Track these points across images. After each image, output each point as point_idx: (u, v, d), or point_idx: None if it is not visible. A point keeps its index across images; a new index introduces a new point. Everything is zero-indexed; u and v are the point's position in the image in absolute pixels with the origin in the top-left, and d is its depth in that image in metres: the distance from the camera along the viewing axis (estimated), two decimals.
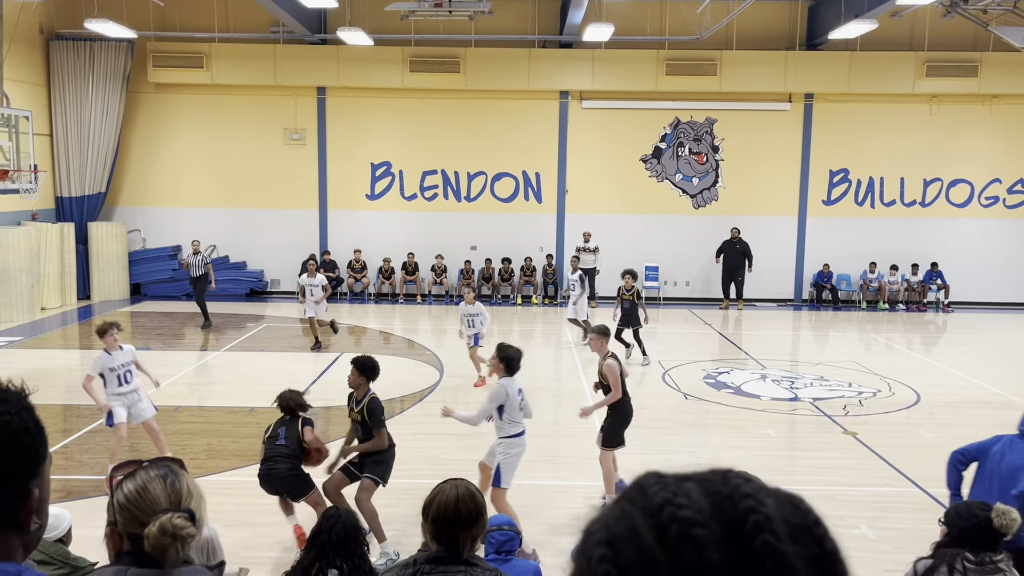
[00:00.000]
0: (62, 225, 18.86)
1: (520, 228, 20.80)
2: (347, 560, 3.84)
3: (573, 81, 20.12)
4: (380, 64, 19.67)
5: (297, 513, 6.83)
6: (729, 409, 11.28)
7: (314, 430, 6.84)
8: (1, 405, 1.30)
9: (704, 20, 18.62)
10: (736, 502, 0.72)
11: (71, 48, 19.29)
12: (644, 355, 13.84)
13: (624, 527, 0.72)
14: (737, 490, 0.74)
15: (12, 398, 1.32)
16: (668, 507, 0.72)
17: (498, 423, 6.82)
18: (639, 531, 0.71)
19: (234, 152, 20.46)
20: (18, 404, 1.33)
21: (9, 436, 1.29)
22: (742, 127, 20.59)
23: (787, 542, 0.70)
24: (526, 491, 8.09)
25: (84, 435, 9.69)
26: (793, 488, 0.80)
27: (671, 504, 0.72)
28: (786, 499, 0.76)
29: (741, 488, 0.74)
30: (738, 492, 0.74)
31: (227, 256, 20.63)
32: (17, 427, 1.30)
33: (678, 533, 0.70)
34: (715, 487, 0.75)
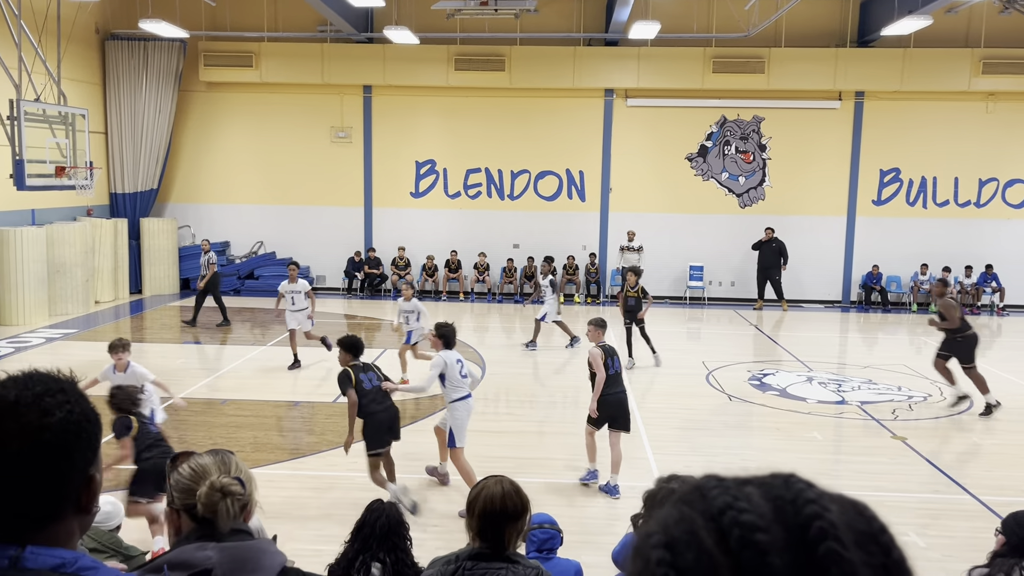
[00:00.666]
0: (116, 221, 19.34)
1: (563, 226, 20.76)
2: (390, 553, 3.87)
3: (618, 79, 20.00)
4: (425, 63, 19.79)
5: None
6: (774, 411, 11.12)
7: None
8: (60, 395, 1.33)
9: (752, 17, 18.36)
10: (799, 507, 0.70)
11: (126, 48, 19.76)
12: (653, 352, 13.48)
13: (684, 530, 0.71)
14: (800, 495, 0.72)
15: (69, 388, 1.36)
16: (729, 511, 0.71)
17: (443, 391, 7.75)
18: (699, 534, 0.70)
19: (281, 150, 20.76)
20: (75, 393, 1.37)
21: (73, 424, 1.32)
22: (790, 125, 20.27)
23: (852, 549, 0.68)
24: (564, 489, 8.07)
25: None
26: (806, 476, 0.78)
27: (732, 508, 0.71)
28: (850, 505, 0.74)
29: (804, 493, 0.72)
30: (801, 497, 0.72)
31: (274, 252, 20.96)
32: (79, 415, 1.34)
33: (740, 537, 0.68)
34: (776, 491, 0.73)
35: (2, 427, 1.27)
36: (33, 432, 1.28)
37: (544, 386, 12.29)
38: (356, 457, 8.88)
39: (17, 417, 1.28)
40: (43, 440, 1.29)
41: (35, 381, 1.34)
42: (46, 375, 1.37)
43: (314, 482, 8.23)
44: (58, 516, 1.32)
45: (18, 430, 1.27)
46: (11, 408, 1.28)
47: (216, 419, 10.29)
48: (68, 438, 1.32)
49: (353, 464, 8.70)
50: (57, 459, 1.30)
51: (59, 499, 1.32)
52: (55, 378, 1.37)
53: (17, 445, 1.27)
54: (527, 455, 9.19)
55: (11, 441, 1.27)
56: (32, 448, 1.28)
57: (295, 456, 8.91)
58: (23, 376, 1.35)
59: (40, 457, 1.29)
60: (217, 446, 9.13)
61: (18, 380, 1.33)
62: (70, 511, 1.34)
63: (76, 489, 1.34)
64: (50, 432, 1.29)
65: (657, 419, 10.56)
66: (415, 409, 10.87)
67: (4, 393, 1.30)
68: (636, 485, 8.28)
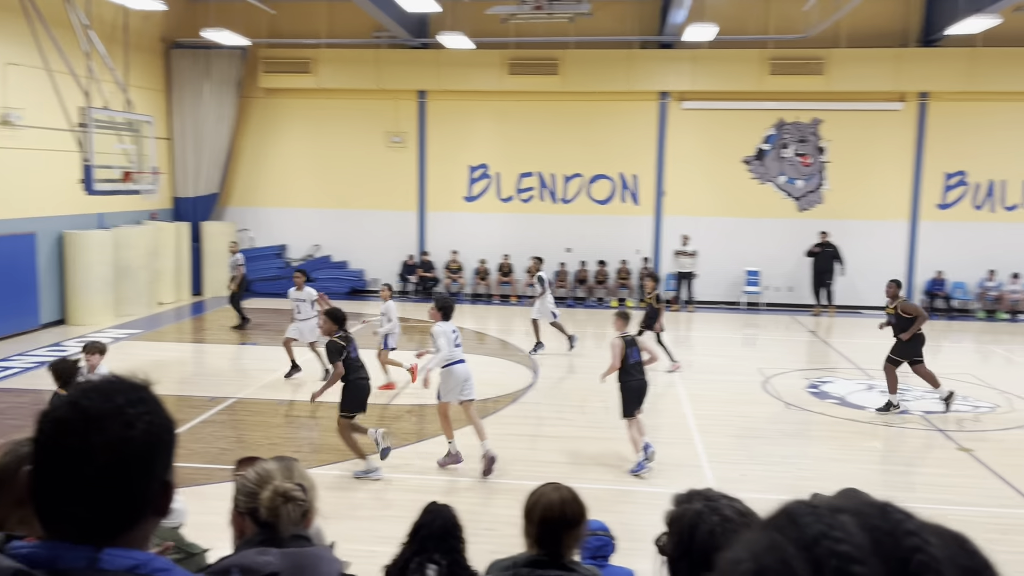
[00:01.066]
0: (178, 224, 19.87)
1: (616, 230, 20.64)
2: (446, 555, 3.88)
3: (673, 82, 19.82)
4: (479, 67, 19.89)
5: None
6: (833, 420, 10.87)
7: None
8: (141, 406, 1.35)
9: (811, 18, 18.02)
10: (899, 539, 0.67)
11: (189, 56, 20.29)
12: (671, 359, 13.27)
13: (775, 559, 0.68)
14: (899, 526, 0.69)
15: (148, 396, 1.38)
16: (824, 540, 0.67)
17: (436, 357, 8.68)
18: (792, 564, 0.67)
19: (337, 154, 21.07)
20: (154, 402, 1.39)
21: (154, 436, 1.35)
22: (850, 128, 19.83)
23: None
24: (617, 496, 8.02)
25: (197, 425, 10.16)
26: (903, 506, 0.74)
27: (827, 537, 0.67)
28: (951, 538, 0.70)
29: (903, 524, 0.69)
30: (900, 528, 0.68)
31: (330, 255, 21.28)
32: (159, 426, 1.37)
33: (836, 569, 0.65)
34: (873, 521, 0.70)
35: (88, 441, 1.29)
36: (117, 445, 1.30)
37: (595, 390, 12.21)
38: (414, 459, 8.95)
39: (102, 430, 1.30)
40: (127, 453, 1.31)
41: (116, 391, 1.35)
42: (126, 384, 1.38)
43: (369, 483, 8.31)
44: (136, 521, 1.35)
45: (103, 443, 1.29)
46: (96, 422, 1.30)
47: (274, 420, 10.48)
48: (149, 449, 1.34)
49: (408, 466, 8.79)
50: (139, 470, 1.33)
51: (138, 506, 1.34)
52: (134, 386, 1.39)
53: (103, 458, 1.29)
54: (578, 460, 9.14)
55: (97, 455, 1.29)
56: (116, 460, 1.30)
57: (350, 457, 9.01)
58: (104, 385, 1.36)
59: (123, 468, 1.31)
60: (275, 446, 9.31)
61: (101, 390, 1.35)
62: (147, 515, 1.37)
63: (154, 495, 1.37)
64: (133, 444, 1.32)
65: (712, 426, 10.42)
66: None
67: (88, 406, 1.32)
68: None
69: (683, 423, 10.58)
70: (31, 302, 15.44)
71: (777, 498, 3.43)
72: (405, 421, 10.51)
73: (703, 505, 1.93)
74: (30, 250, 15.40)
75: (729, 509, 1.92)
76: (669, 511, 2.00)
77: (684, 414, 10.97)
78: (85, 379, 8.01)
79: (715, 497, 1.97)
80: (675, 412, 11.09)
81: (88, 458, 1.29)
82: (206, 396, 11.33)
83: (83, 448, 1.29)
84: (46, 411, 1.34)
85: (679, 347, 15.95)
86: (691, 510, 1.93)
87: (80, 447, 1.29)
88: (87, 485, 1.29)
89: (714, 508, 1.93)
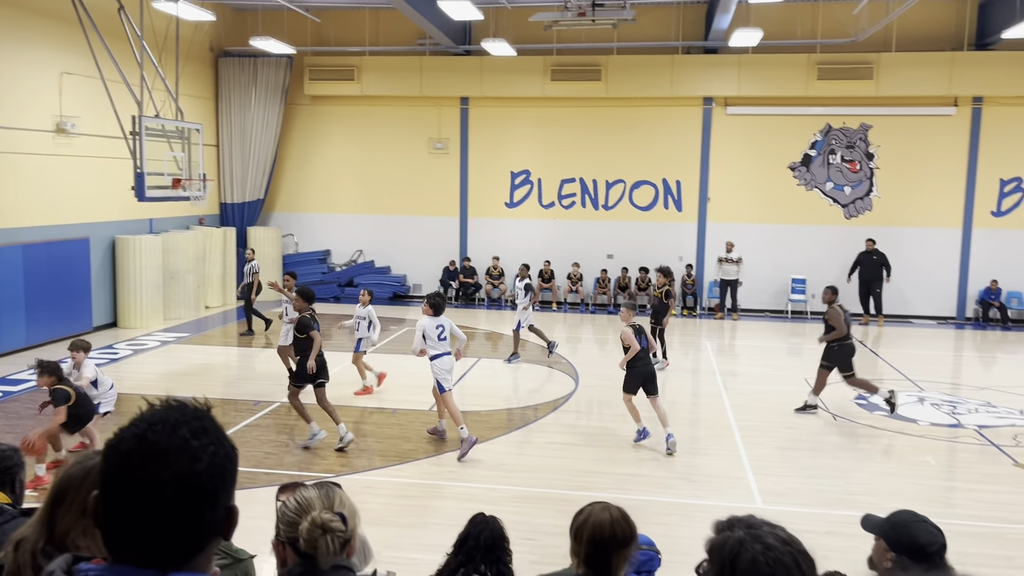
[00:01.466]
0: (224, 229, 20.21)
1: (658, 237, 20.48)
2: (492, 567, 3.86)
3: (717, 87, 19.62)
4: (521, 74, 19.91)
5: None
6: (882, 433, 10.62)
7: None
8: (205, 437, 1.36)
9: (860, 21, 17.71)
10: None
11: (236, 64, 20.66)
12: (664, 357, 13.87)
13: None
14: None
15: (211, 425, 1.39)
16: None
17: (427, 349, 9.54)
18: None
19: (381, 161, 21.26)
20: (217, 431, 1.40)
21: (218, 467, 1.36)
22: (900, 133, 19.42)
23: None
24: (661, 508, 7.92)
25: (242, 428, 10.29)
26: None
27: None
28: None
29: None
30: None
31: (372, 261, 21.46)
32: (223, 457, 1.38)
33: None
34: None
35: (156, 475, 1.31)
36: (184, 479, 1.32)
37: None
38: (456, 467, 8.96)
39: (169, 465, 1.31)
40: (193, 487, 1.32)
41: (180, 422, 1.36)
42: (190, 412, 1.39)
43: (411, 489, 8.33)
44: (202, 548, 1.37)
45: (171, 477, 1.31)
46: (163, 456, 1.32)
47: (321, 424, 10.55)
48: (215, 480, 1.35)
49: (450, 473, 8.79)
50: (204, 500, 1.34)
51: (203, 536, 1.36)
52: (197, 414, 1.40)
53: (171, 493, 1.31)
54: (620, 470, 9.06)
55: (164, 489, 1.30)
56: (182, 493, 1.32)
57: (392, 463, 9.05)
58: (168, 416, 1.37)
59: (189, 500, 1.32)
60: (315, 451, 9.36)
61: (166, 422, 1.35)
62: (212, 541, 1.38)
63: (218, 523, 1.38)
64: (199, 479, 1.33)
65: (757, 438, 10.24)
66: (507, 421, 10.89)
67: (155, 440, 1.33)
68: (736, 506, 8.06)
69: (727, 434, 10.42)
70: (85, 305, 15.82)
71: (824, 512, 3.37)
72: (448, 430, 10.51)
73: (745, 533, 1.86)
74: (84, 254, 15.79)
75: (772, 537, 1.85)
76: (709, 539, 1.93)
77: (728, 424, 10.81)
78: (69, 374, 8.67)
79: (757, 524, 1.90)
80: (719, 422, 10.94)
81: (156, 492, 1.30)
82: (251, 400, 11.48)
83: (151, 482, 1.31)
84: (113, 443, 1.35)
85: (723, 356, 15.78)
86: (732, 538, 1.86)
87: (147, 481, 1.31)
88: (153, 516, 1.31)
89: (756, 536, 1.86)
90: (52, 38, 14.65)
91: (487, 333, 17.34)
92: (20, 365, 13.35)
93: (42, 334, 14.62)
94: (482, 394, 12.15)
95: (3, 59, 13.73)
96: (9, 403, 11.30)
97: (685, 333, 17.75)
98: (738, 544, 1.85)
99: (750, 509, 7.94)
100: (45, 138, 14.73)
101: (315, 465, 8.98)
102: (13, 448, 3.19)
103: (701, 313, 20.03)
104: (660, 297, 13.95)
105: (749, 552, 1.83)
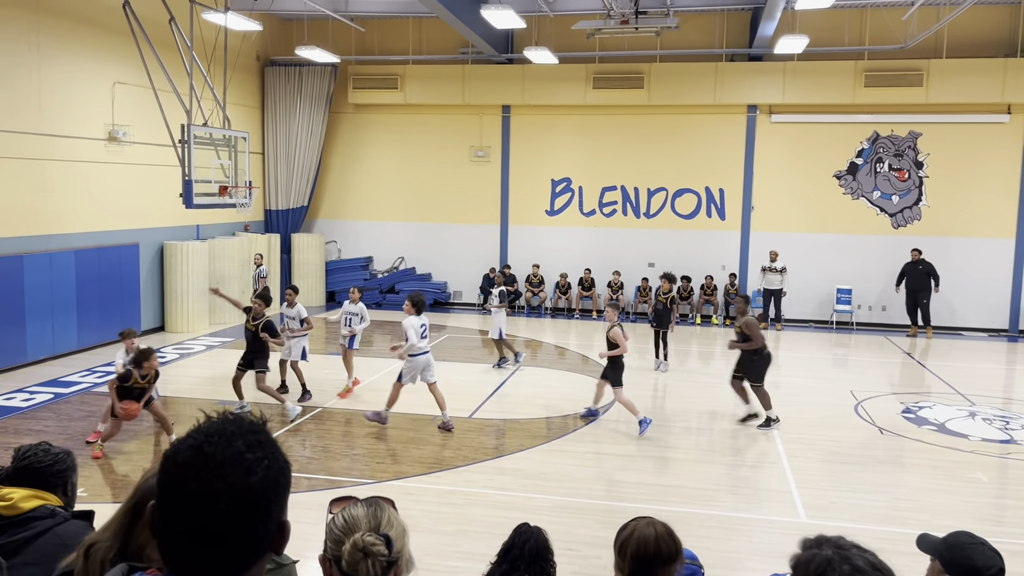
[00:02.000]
0: (269, 236, 20.53)
1: (701, 246, 20.30)
2: None
3: (762, 95, 19.41)
4: (563, 82, 19.92)
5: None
6: (931, 448, 10.37)
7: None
8: (260, 450, 1.37)
9: (910, 28, 17.39)
10: None
11: (282, 73, 20.99)
12: (665, 359, 14.56)
13: None
14: None
15: (265, 440, 1.40)
16: None
17: (405, 346, 10.32)
18: None
19: (422, 168, 21.41)
20: (271, 445, 1.41)
21: (272, 481, 1.37)
22: (951, 141, 19.00)
23: None
24: (702, 521, 7.82)
25: (283, 434, 10.41)
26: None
27: None
28: None
29: None
30: None
31: (414, 268, 21.61)
32: (276, 471, 1.39)
33: None
34: None
35: (211, 487, 1.31)
36: (239, 492, 1.33)
37: (678, 411, 11.99)
38: (495, 475, 8.96)
39: (224, 477, 1.32)
40: (247, 499, 1.33)
41: (236, 435, 1.37)
42: (246, 426, 1.40)
43: (450, 497, 8.35)
44: (254, 561, 1.37)
45: (225, 490, 1.32)
46: (219, 468, 1.33)
47: (358, 429, 10.65)
48: (268, 494, 1.36)
49: (489, 481, 8.79)
50: (258, 513, 1.35)
51: (256, 549, 1.37)
52: (253, 428, 1.41)
53: (224, 504, 1.31)
54: (661, 481, 8.97)
55: (219, 500, 1.31)
56: (237, 505, 1.32)
57: (432, 470, 9.08)
58: (224, 429, 1.38)
59: (243, 513, 1.33)
60: (357, 456, 9.43)
61: (222, 435, 1.37)
62: (264, 555, 1.39)
63: (270, 537, 1.38)
64: (253, 492, 1.34)
65: (801, 451, 10.07)
66: (547, 430, 10.87)
67: (212, 452, 1.34)
68: (777, 519, 7.93)
69: (771, 446, 10.27)
70: (134, 309, 16.18)
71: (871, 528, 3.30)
72: (485, 435, 10.53)
73: (833, 552, 1.84)
74: (134, 260, 16.16)
75: (861, 560, 1.82)
76: (796, 555, 1.91)
77: (772, 436, 10.65)
78: (124, 359, 9.92)
79: (846, 546, 1.87)
80: (762, 434, 10.78)
81: (210, 503, 1.31)
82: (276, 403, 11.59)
83: (206, 493, 1.31)
84: (170, 453, 1.37)
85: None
86: (820, 556, 1.83)
87: (203, 492, 1.32)
88: (208, 528, 1.32)
89: (845, 557, 1.84)
90: (105, 49, 15.05)
91: (527, 341, 17.32)
92: (73, 367, 13.69)
93: (93, 337, 14.97)
94: (522, 402, 12.14)
95: (59, 69, 14.14)
96: (61, 404, 11.58)
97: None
98: (825, 563, 1.84)
99: (793, 523, 7.82)
100: (98, 146, 15.12)
101: (354, 471, 9.05)
102: (66, 451, 3.26)
103: None
104: (665, 303, 14.29)
105: (836, 572, 1.82)
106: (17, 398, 11.74)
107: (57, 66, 14.09)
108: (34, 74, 13.63)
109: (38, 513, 3.03)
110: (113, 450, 9.53)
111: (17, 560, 2.90)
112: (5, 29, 13.02)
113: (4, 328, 13.08)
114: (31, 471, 3.14)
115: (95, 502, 7.85)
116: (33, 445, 3.25)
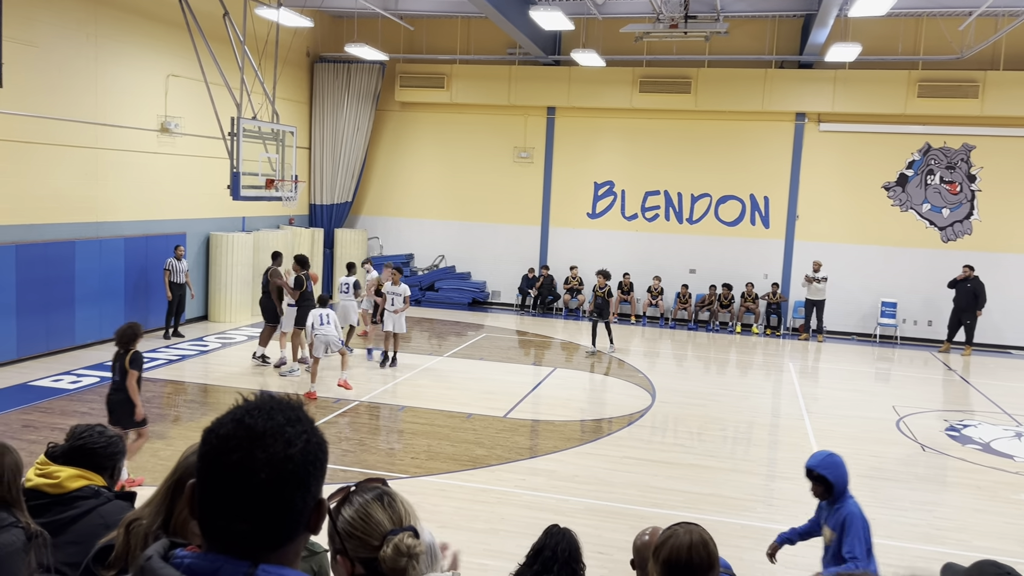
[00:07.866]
0: (313, 230, 20.78)
1: (743, 253, 20.07)
2: None
3: (811, 103, 19.12)
4: (610, 85, 19.84)
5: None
6: (975, 467, 10.12)
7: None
8: (299, 425, 1.39)
9: (966, 38, 17.01)
10: None
11: (331, 69, 21.24)
12: (611, 344, 16.18)
13: None
14: None
15: (304, 417, 1.42)
16: None
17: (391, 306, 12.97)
18: None
19: (466, 168, 21.49)
20: (309, 422, 1.43)
21: (311, 454, 1.39)
22: (1006, 155, 18.53)
23: None
24: (734, 530, 7.74)
25: (320, 426, 10.53)
26: None
27: None
28: None
29: None
30: None
31: (454, 266, 21.70)
32: (315, 445, 1.41)
33: None
34: None
35: (252, 456, 1.33)
36: (279, 462, 1.34)
37: (715, 418, 11.88)
38: (527, 475, 8.97)
39: (265, 447, 1.34)
40: (287, 470, 1.35)
41: (276, 411, 1.39)
42: (284, 403, 1.43)
43: (483, 495, 8.37)
44: (292, 537, 1.39)
45: (266, 460, 1.33)
46: (260, 438, 1.34)
47: (393, 424, 10.74)
48: (307, 467, 1.37)
49: (522, 481, 8.80)
50: (296, 486, 1.36)
51: (294, 524, 1.38)
52: (292, 406, 1.43)
53: (264, 474, 1.33)
54: (696, 489, 8.90)
55: (259, 470, 1.33)
56: (276, 476, 1.34)
57: (466, 467, 9.12)
58: (264, 404, 1.41)
59: (282, 484, 1.35)
60: (393, 451, 9.50)
61: (262, 409, 1.39)
62: (301, 532, 1.40)
63: (308, 513, 1.40)
64: (293, 463, 1.35)
65: None
66: (581, 432, 10.83)
67: (253, 424, 1.36)
68: None
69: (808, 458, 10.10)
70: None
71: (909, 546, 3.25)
72: (520, 435, 10.53)
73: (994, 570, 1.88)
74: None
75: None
76: (947, 563, 1.96)
77: (809, 448, 10.49)
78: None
79: (1009, 571, 1.90)
80: (800, 446, 10.63)
81: (251, 473, 1.33)
82: (331, 397, 11.74)
83: (246, 463, 1.33)
84: (211, 428, 1.39)
85: (807, 378, 15.33)
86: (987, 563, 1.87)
87: (243, 462, 1.33)
88: (248, 500, 1.33)
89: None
90: (161, 41, 15.37)
91: (563, 343, 17.29)
92: None
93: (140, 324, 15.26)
94: (557, 404, 12.12)
95: (115, 61, 14.48)
96: (106, 388, 11.84)
97: (768, 353, 17.32)
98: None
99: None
100: (150, 137, 15.45)
101: (393, 466, 9.12)
102: (119, 435, 3.34)
103: (785, 333, 19.52)
104: (603, 296, 15.86)
105: None
106: (64, 380, 12.04)
107: (113, 57, 14.43)
108: (91, 65, 13.97)
109: (83, 493, 3.10)
110: (156, 435, 9.73)
111: (61, 539, 2.98)
112: (64, 20, 13.37)
113: (54, 312, 13.43)
114: (85, 451, 3.21)
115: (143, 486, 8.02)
116: (89, 426, 3.32)
